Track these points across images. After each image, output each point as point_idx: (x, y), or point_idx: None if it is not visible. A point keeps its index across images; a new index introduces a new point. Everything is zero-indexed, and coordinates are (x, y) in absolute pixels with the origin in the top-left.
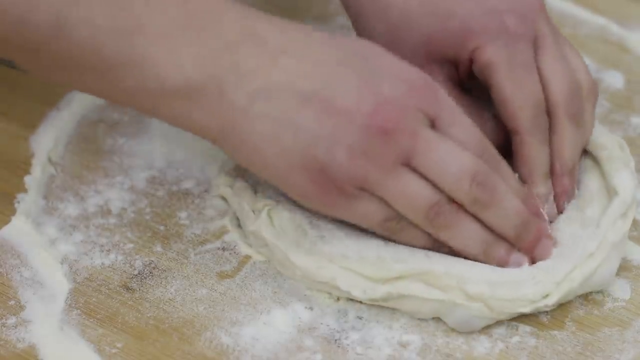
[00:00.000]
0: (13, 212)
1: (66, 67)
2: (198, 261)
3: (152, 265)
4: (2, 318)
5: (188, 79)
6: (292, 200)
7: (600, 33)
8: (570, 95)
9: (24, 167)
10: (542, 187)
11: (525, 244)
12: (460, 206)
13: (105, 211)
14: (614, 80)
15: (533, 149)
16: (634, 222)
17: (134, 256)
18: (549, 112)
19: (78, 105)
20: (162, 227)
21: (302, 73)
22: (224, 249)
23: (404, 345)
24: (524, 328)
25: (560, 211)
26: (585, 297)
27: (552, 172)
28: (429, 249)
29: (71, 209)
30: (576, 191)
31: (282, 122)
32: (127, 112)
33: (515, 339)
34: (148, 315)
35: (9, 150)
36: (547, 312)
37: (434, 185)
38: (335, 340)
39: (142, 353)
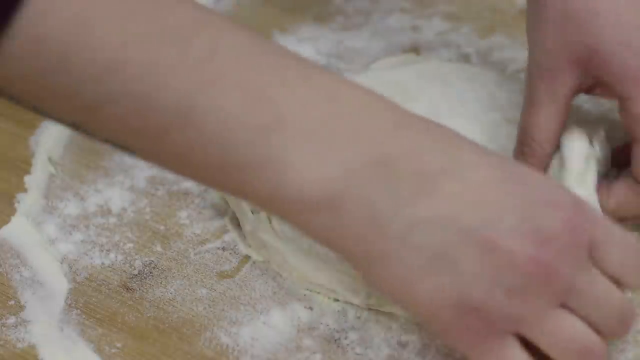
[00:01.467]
0: (13, 212)
1: (189, 161)
2: (198, 261)
3: (152, 265)
4: (2, 318)
5: (333, 191)
6: None
7: None
8: None
9: (24, 167)
10: None
11: None
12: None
13: (105, 211)
14: None
15: None
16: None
17: (133, 256)
18: None
19: None
20: (162, 227)
21: (467, 203)
22: (223, 248)
23: (403, 345)
24: None
25: None
26: None
27: None
28: None
29: (71, 209)
30: None
31: (441, 257)
32: None
33: None
34: (148, 315)
35: (9, 150)
36: None
37: (588, 327)
38: (335, 340)
39: (142, 353)
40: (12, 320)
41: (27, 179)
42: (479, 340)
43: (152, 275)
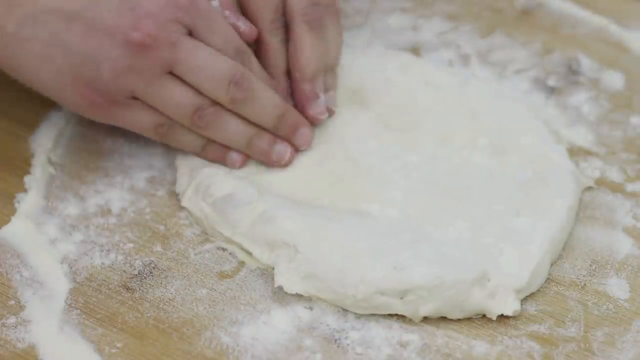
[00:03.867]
0: (13, 212)
1: None
2: (198, 261)
3: (152, 265)
4: (2, 318)
5: None
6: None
7: (600, 33)
8: (306, 3)
9: (24, 167)
10: (281, 85)
11: (284, 133)
12: (222, 106)
13: (105, 211)
14: (614, 80)
15: (270, 49)
16: (634, 216)
17: (133, 256)
18: (287, 19)
19: None
20: (162, 227)
21: None
22: (223, 249)
23: (403, 345)
24: (524, 328)
25: (308, 117)
26: (585, 297)
27: (292, 80)
28: (202, 150)
29: (71, 209)
30: None
31: (51, 43)
32: None
33: (515, 339)
34: (148, 315)
35: (9, 150)
36: (546, 312)
37: (197, 90)
38: (335, 340)
39: (142, 353)
40: (12, 320)
41: (27, 179)
42: (107, 110)
43: (152, 275)
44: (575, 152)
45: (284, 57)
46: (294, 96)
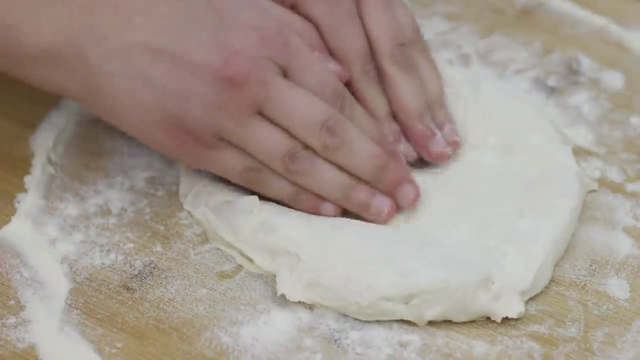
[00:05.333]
0: (13, 212)
1: None
2: (198, 261)
3: (152, 265)
4: (2, 318)
5: (47, 42)
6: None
7: (600, 33)
8: (392, 42)
9: (24, 167)
10: (390, 128)
11: (384, 187)
12: (316, 152)
13: (105, 211)
14: (614, 80)
15: (367, 94)
16: (635, 216)
17: (134, 256)
18: (376, 64)
19: (78, 105)
20: (162, 227)
21: (155, 30)
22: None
23: (403, 345)
24: (524, 328)
25: (430, 156)
26: (585, 297)
27: (401, 124)
28: (292, 198)
29: (71, 209)
30: None
31: (136, 78)
32: None
33: (515, 339)
34: (148, 315)
35: (9, 150)
36: (546, 312)
37: (289, 133)
38: (335, 340)
39: (142, 353)
40: (12, 320)
41: (27, 179)
42: (193, 151)
43: (152, 276)
44: (576, 152)
45: (382, 99)
46: (410, 140)
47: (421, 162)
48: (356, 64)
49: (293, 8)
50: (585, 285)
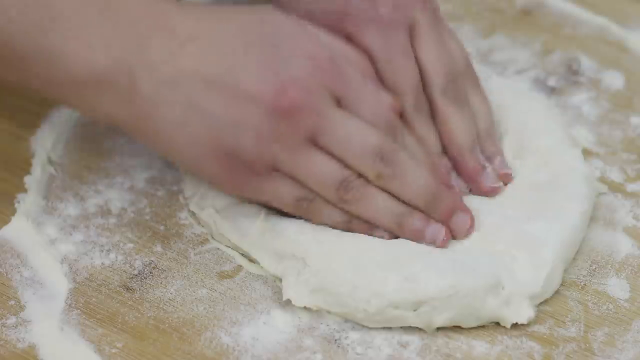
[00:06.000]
0: (13, 212)
1: None
2: (198, 261)
3: (152, 265)
4: (2, 318)
5: (98, 70)
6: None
7: (600, 33)
8: (446, 78)
9: (24, 167)
10: (442, 163)
11: (438, 215)
12: (369, 181)
13: (105, 211)
14: (614, 80)
15: (418, 127)
16: (635, 216)
17: (134, 256)
18: (427, 97)
19: None
20: (162, 227)
21: (208, 59)
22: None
23: (403, 345)
24: (524, 328)
25: (481, 190)
26: (585, 297)
27: (451, 158)
28: (344, 226)
29: (71, 209)
30: None
31: (189, 108)
32: None
33: (515, 339)
34: (148, 315)
35: (9, 150)
36: (546, 312)
37: (342, 163)
38: (335, 340)
39: (142, 353)
40: (12, 320)
41: (27, 179)
42: (245, 182)
43: (152, 276)
44: None
45: (434, 133)
46: (460, 174)
47: None
48: (409, 97)
49: (348, 39)
50: (585, 285)
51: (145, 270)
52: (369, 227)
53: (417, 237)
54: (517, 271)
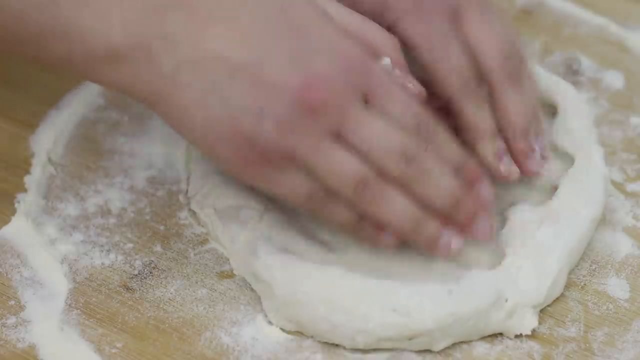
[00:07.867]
0: (13, 212)
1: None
2: (198, 261)
3: (152, 265)
4: (2, 318)
5: (115, 45)
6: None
7: (600, 33)
8: (501, 57)
9: (24, 167)
10: (488, 147)
11: (459, 220)
12: (389, 181)
13: (105, 211)
14: (614, 80)
15: (470, 113)
16: (635, 216)
17: (133, 256)
18: (485, 79)
19: (78, 105)
20: (162, 227)
21: (233, 43)
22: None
23: None
24: None
25: (526, 173)
26: (585, 297)
27: (506, 140)
28: (351, 225)
29: (71, 209)
30: None
31: (211, 92)
32: (127, 112)
33: (515, 339)
34: (148, 315)
35: (9, 150)
36: (546, 312)
37: (363, 160)
38: None
39: (142, 353)
40: (12, 320)
41: (27, 179)
42: (259, 170)
43: (152, 275)
44: None
45: (490, 117)
46: (510, 152)
47: None
48: (458, 81)
49: (390, 29)
50: (585, 285)
51: (145, 270)
52: (377, 229)
53: (431, 244)
54: (520, 281)
